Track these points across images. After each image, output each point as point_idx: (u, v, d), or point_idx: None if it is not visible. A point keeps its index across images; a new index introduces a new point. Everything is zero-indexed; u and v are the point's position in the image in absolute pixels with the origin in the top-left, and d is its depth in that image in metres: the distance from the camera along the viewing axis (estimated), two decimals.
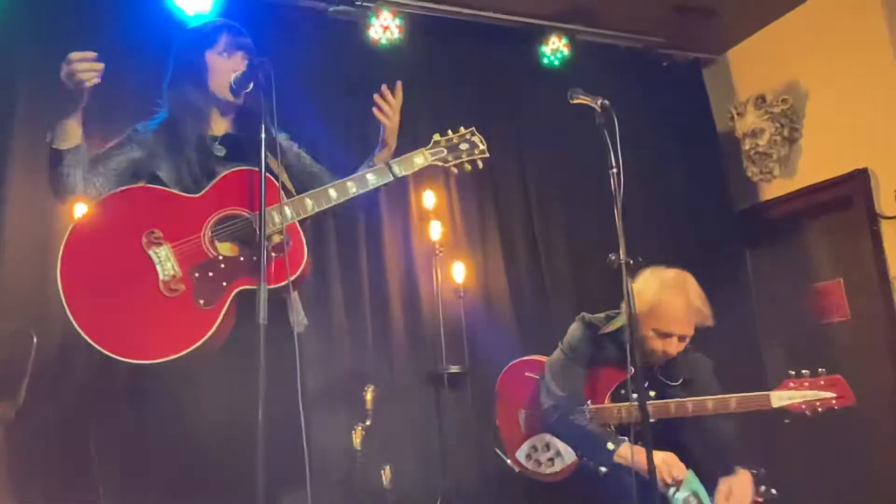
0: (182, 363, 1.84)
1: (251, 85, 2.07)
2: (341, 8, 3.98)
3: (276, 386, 1.81)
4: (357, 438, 3.27)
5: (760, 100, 4.53)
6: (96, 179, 2.03)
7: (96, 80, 1.92)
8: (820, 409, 2.45)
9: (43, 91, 3.34)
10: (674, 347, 2.54)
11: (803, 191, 4.45)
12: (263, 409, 1.71)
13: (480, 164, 2.29)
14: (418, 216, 4.04)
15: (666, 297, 2.49)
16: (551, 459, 2.67)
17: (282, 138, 2.25)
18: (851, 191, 4.14)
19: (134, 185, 2.06)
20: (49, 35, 3.39)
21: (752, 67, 4.80)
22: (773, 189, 4.65)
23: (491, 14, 4.24)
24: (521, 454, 2.73)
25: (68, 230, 1.93)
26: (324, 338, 3.63)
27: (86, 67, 1.88)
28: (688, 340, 2.58)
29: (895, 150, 3.90)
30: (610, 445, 2.44)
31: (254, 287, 1.88)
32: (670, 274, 2.59)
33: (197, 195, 2.02)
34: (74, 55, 1.88)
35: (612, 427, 2.61)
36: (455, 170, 2.27)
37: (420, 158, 2.21)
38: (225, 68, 2.14)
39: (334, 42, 3.98)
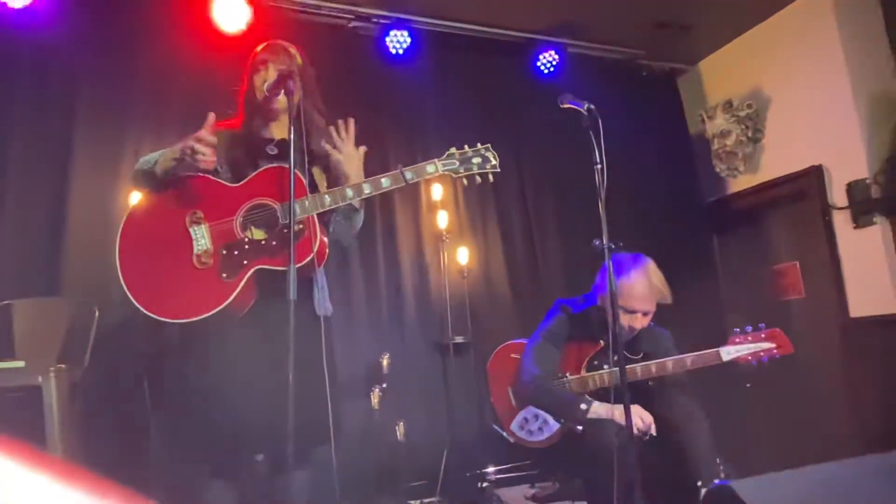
0: (215, 329, 1.90)
1: (282, 92, 2.06)
2: (359, 24, 3.96)
3: (304, 355, 1.83)
4: (375, 399, 3.29)
5: (728, 105, 4.49)
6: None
7: (209, 166, 1.97)
8: (764, 359, 2.46)
9: (103, 94, 3.36)
10: (639, 322, 2.56)
11: (765, 185, 4.42)
12: (294, 374, 1.72)
13: (491, 178, 2.16)
14: (427, 206, 4.03)
15: (631, 278, 2.51)
16: (541, 428, 2.66)
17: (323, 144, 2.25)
18: (807, 185, 4.11)
19: (187, 174, 2.07)
20: (110, 43, 3.40)
21: (721, 76, 4.75)
22: (738, 183, 4.62)
23: (492, 29, 4.21)
24: (514, 426, 2.72)
25: (129, 208, 2.01)
26: (346, 312, 3.64)
27: (205, 155, 1.93)
28: (650, 316, 2.58)
29: (846, 149, 3.86)
30: (583, 406, 2.45)
31: (271, 267, 1.93)
32: (639, 260, 2.58)
33: (237, 185, 2.04)
34: (202, 136, 1.92)
35: (590, 393, 2.60)
36: (465, 181, 2.16)
37: (432, 167, 2.11)
38: (260, 82, 2.15)
39: (352, 55, 3.96)
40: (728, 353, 2.48)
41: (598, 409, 2.44)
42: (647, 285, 2.52)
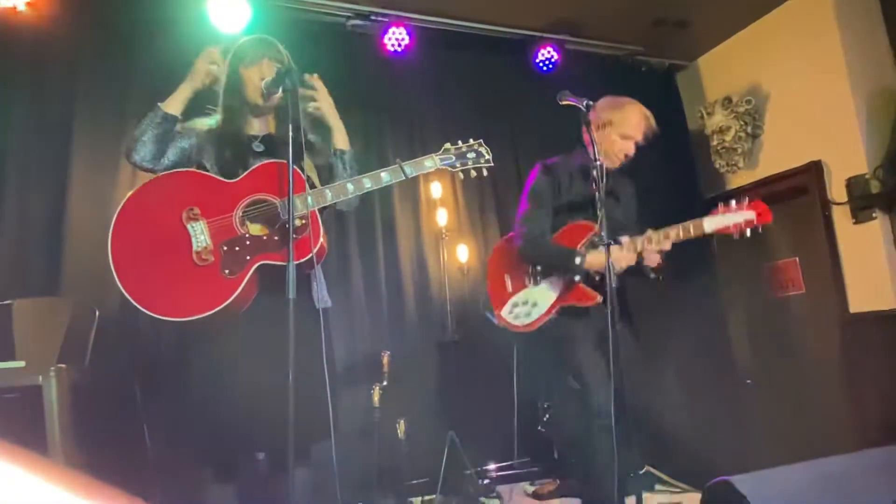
0: (214, 326, 1.88)
1: (280, 89, 2.06)
2: (358, 22, 3.95)
3: (304, 351, 1.82)
4: (376, 397, 3.30)
5: (727, 101, 4.49)
6: (168, 154, 2.07)
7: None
8: (745, 229, 2.48)
9: (100, 94, 3.36)
10: (631, 149, 2.71)
11: (764, 180, 4.42)
12: (293, 372, 1.73)
13: (485, 172, 2.23)
14: (427, 204, 4.04)
15: (627, 108, 2.71)
16: (528, 314, 2.72)
17: (313, 138, 2.26)
18: (807, 180, 4.11)
19: (180, 169, 2.08)
20: (106, 46, 3.40)
21: (720, 72, 4.75)
22: (737, 179, 4.62)
23: (490, 26, 4.21)
24: (505, 311, 2.77)
25: (120, 205, 1.96)
26: (346, 311, 3.65)
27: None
28: (635, 149, 2.72)
29: (845, 144, 3.86)
30: (577, 259, 2.60)
31: (273, 262, 1.92)
32: (624, 97, 2.76)
33: (233, 181, 2.03)
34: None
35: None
36: (461, 175, 2.23)
37: (430, 162, 2.17)
38: (254, 77, 2.13)
39: (352, 53, 3.96)
40: (712, 223, 2.54)
41: (592, 260, 2.58)
42: (640, 112, 2.70)
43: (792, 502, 1.33)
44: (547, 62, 4.31)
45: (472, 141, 2.24)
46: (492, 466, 3.47)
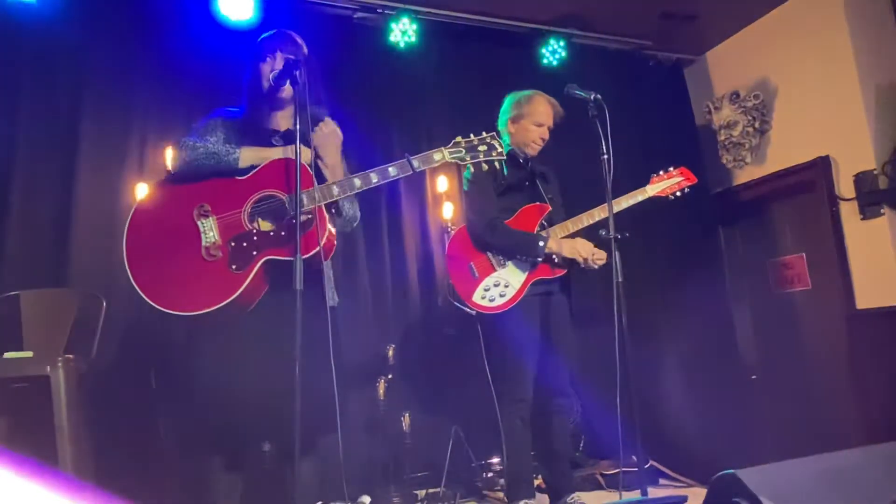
0: (224, 320, 1.90)
1: (287, 81, 2.06)
2: (365, 15, 3.95)
3: (311, 345, 1.84)
4: (381, 390, 3.31)
5: (735, 95, 4.48)
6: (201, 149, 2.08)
7: None
8: (678, 192, 2.97)
9: (107, 84, 3.37)
10: (545, 134, 2.93)
11: (771, 176, 4.40)
12: (300, 365, 1.74)
13: (498, 165, 2.22)
14: (433, 198, 4.03)
15: (535, 99, 2.91)
16: (502, 294, 2.76)
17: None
18: (814, 176, 4.09)
19: None
20: (116, 34, 3.41)
21: (728, 67, 4.73)
22: (744, 174, 4.60)
23: (497, 20, 4.19)
24: (476, 297, 2.78)
25: (137, 201, 2.03)
26: (352, 303, 3.65)
27: None
28: (548, 133, 2.94)
29: (854, 139, 3.84)
30: (541, 243, 2.74)
31: (280, 258, 1.94)
32: (530, 90, 2.98)
33: (243, 177, 2.04)
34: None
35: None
36: (472, 168, 2.22)
37: (439, 156, 2.13)
38: (266, 70, 2.15)
39: (358, 46, 3.95)
40: (652, 190, 2.98)
41: (552, 246, 2.75)
42: (547, 100, 2.90)
43: (798, 496, 1.34)
44: (554, 56, 4.29)
45: (484, 134, 2.20)
46: (495, 460, 3.47)
